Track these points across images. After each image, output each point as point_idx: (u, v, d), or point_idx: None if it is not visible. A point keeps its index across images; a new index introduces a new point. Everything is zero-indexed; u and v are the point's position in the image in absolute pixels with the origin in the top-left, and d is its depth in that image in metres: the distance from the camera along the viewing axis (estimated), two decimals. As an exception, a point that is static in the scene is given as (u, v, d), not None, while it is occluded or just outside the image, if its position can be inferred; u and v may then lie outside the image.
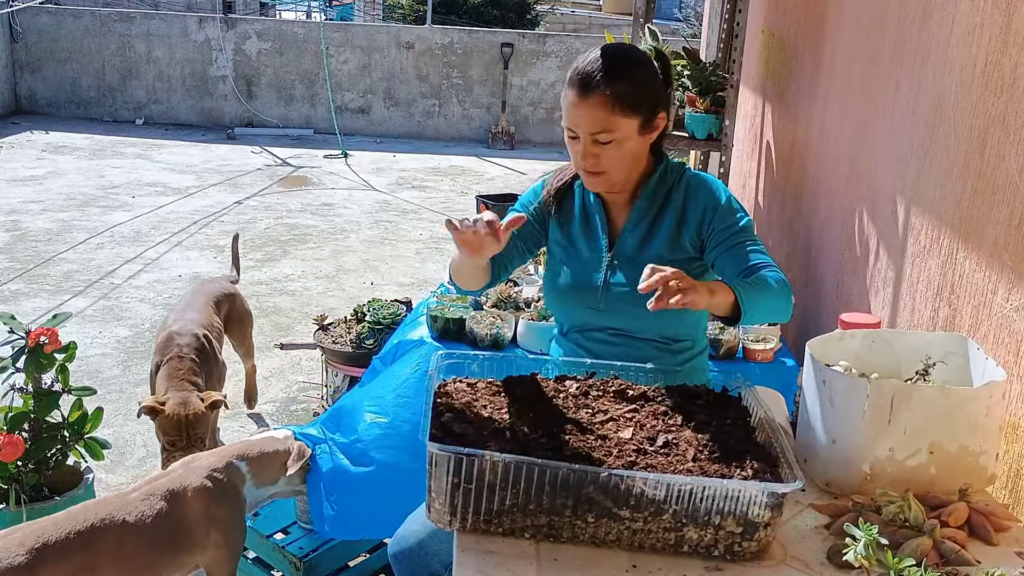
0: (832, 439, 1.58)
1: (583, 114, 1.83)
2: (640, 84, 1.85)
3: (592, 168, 1.87)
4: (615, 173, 1.89)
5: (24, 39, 10.63)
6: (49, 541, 1.96)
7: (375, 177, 8.67)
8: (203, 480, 2.18)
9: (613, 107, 1.80)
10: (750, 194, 4.34)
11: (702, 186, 1.96)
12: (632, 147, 1.87)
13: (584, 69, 1.83)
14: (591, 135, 1.83)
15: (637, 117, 1.84)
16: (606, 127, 1.82)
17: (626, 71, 1.83)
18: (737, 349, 2.86)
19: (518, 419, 1.51)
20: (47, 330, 2.64)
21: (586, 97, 1.82)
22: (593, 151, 1.85)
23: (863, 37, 2.81)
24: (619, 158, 1.86)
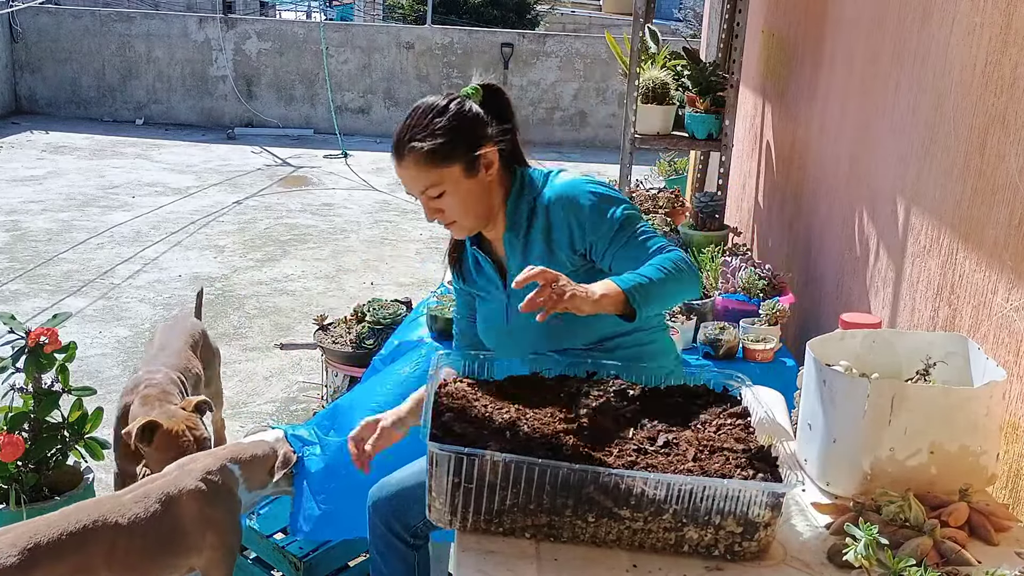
0: (832, 439, 1.58)
1: (404, 178, 1.86)
2: (443, 134, 1.81)
3: (444, 222, 1.90)
4: (465, 219, 1.90)
5: (24, 39, 10.63)
6: (42, 542, 1.96)
7: (375, 177, 8.67)
8: (198, 483, 2.17)
9: (425, 164, 1.81)
10: (750, 194, 4.34)
11: (559, 203, 1.88)
12: (468, 191, 1.86)
13: (394, 137, 1.86)
14: (422, 194, 1.86)
15: (455, 164, 1.82)
16: (428, 183, 1.83)
17: (424, 127, 1.82)
18: (737, 349, 2.86)
19: (519, 418, 1.51)
20: (47, 330, 2.64)
21: (400, 162, 1.85)
22: (433, 207, 1.87)
23: (863, 37, 2.81)
24: (460, 204, 1.86)
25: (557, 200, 1.89)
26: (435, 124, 1.82)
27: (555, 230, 1.88)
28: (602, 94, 10.66)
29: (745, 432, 1.53)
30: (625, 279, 1.68)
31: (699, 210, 3.66)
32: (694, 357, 2.84)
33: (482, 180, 1.87)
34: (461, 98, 1.88)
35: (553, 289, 1.55)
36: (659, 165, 7.17)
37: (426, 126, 1.82)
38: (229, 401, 4.04)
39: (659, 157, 7.21)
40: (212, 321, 4.95)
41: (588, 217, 1.85)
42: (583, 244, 1.86)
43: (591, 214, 1.85)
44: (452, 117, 1.84)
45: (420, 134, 1.82)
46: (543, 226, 1.89)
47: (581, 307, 1.58)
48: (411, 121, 1.85)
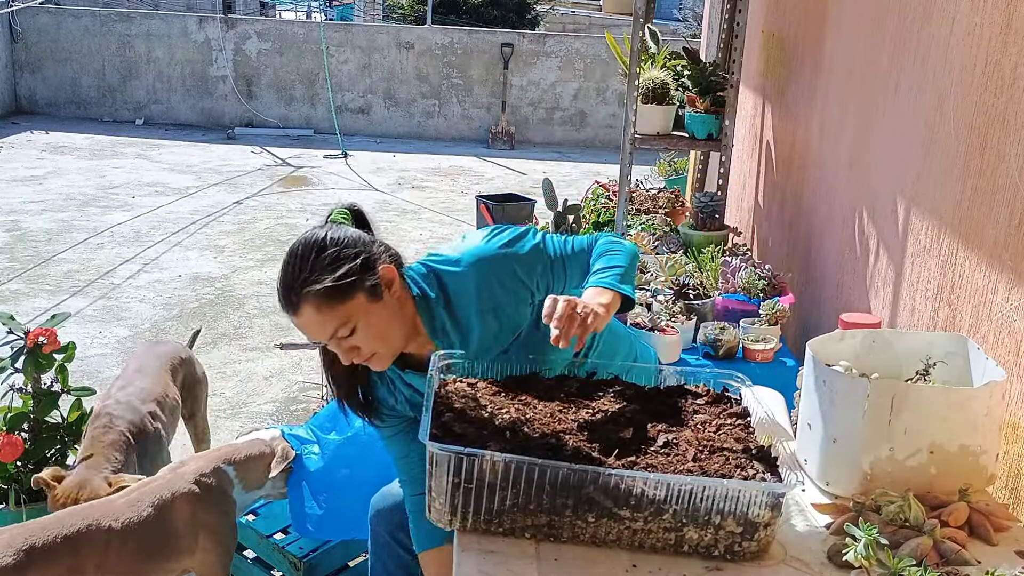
0: (832, 439, 1.58)
1: (306, 327, 1.69)
2: (333, 269, 1.65)
3: (361, 359, 1.72)
4: (386, 347, 1.73)
5: (24, 39, 10.63)
6: (36, 544, 1.96)
7: (375, 177, 8.67)
8: (190, 485, 2.17)
9: (327, 305, 1.64)
10: (750, 194, 4.34)
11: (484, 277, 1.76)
12: (380, 318, 1.69)
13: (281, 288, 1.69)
14: (331, 338, 1.68)
15: (358, 294, 1.66)
16: (337, 324, 1.66)
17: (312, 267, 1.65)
18: (737, 349, 2.86)
19: (519, 418, 1.51)
20: (46, 330, 2.64)
21: (296, 313, 1.67)
22: (347, 347, 1.69)
23: (863, 37, 2.81)
24: (376, 334, 1.69)
25: (480, 272, 1.77)
26: (322, 260, 1.65)
27: (497, 301, 1.76)
28: (602, 94, 10.66)
29: (745, 432, 1.53)
30: (604, 279, 1.68)
31: (699, 210, 3.66)
32: (694, 357, 2.85)
33: (389, 301, 1.71)
34: (335, 225, 1.73)
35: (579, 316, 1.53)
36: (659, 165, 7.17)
37: (313, 265, 1.65)
38: (229, 401, 4.04)
39: (659, 157, 7.21)
40: (212, 321, 4.95)
41: (520, 269, 1.76)
42: (531, 294, 1.78)
43: (520, 265, 1.77)
44: (336, 246, 1.67)
45: (311, 275, 1.64)
46: (479, 307, 1.76)
47: (601, 325, 1.57)
48: (294, 266, 1.67)
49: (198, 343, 4.63)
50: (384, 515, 1.98)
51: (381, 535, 1.99)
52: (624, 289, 1.67)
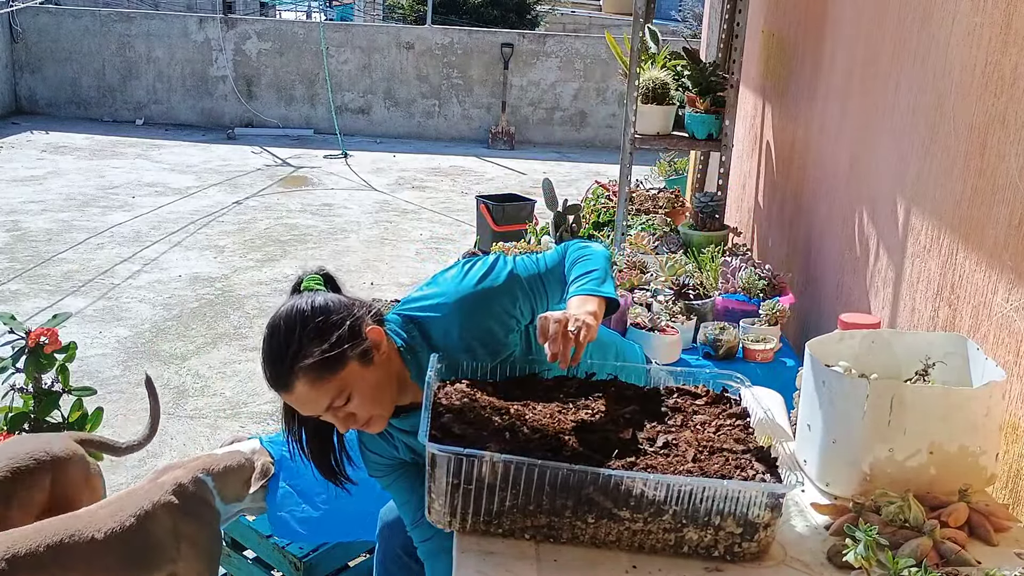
0: (832, 439, 1.58)
1: (302, 406, 1.64)
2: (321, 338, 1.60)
3: (359, 425, 1.68)
4: (382, 409, 1.70)
5: (24, 39, 10.63)
6: (20, 552, 1.95)
7: (375, 177, 8.67)
8: (169, 496, 2.16)
9: (321, 378, 1.59)
10: (750, 194, 4.34)
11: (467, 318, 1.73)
12: (373, 380, 1.65)
13: (267, 370, 1.63)
14: (328, 410, 1.63)
15: (348, 365, 1.61)
16: (333, 396, 1.61)
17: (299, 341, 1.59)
18: (737, 349, 2.86)
19: (518, 419, 1.51)
20: (47, 330, 2.64)
21: (289, 390, 1.61)
22: (343, 415, 1.65)
23: (863, 37, 2.81)
24: (371, 399, 1.65)
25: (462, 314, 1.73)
26: (309, 332, 1.59)
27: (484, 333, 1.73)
28: (602, 94, 10.66)
29: (745, 433, 1.53)
30: (584, 287, 1.69)
31: (699, 210, 3.66)
32: (694, 357, 2.84)
33: (379, 362, 1.66)
34: (312, 294, 1.68)
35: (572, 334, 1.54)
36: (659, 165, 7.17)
37: (301, 339, 1.59)
38: (229, 401, 4.04)
39: (659, 157, 7.21)
40: (212, 321, 4.95)
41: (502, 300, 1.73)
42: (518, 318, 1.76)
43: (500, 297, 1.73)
44: (322, 315, 1.62)
45: (300, 349, 1.58)
46: (463, 346, 1.72)
47: (593, 335, 1.58)
48: (280, 342, 1.60)
49: (198, 343, 4.64)
50: (393, 528, 1.96)
51: (391, 548, 1.98)
52: (605, 292, 1.68)
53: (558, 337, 1.53)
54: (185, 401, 4.03)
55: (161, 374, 4.27)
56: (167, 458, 3.54)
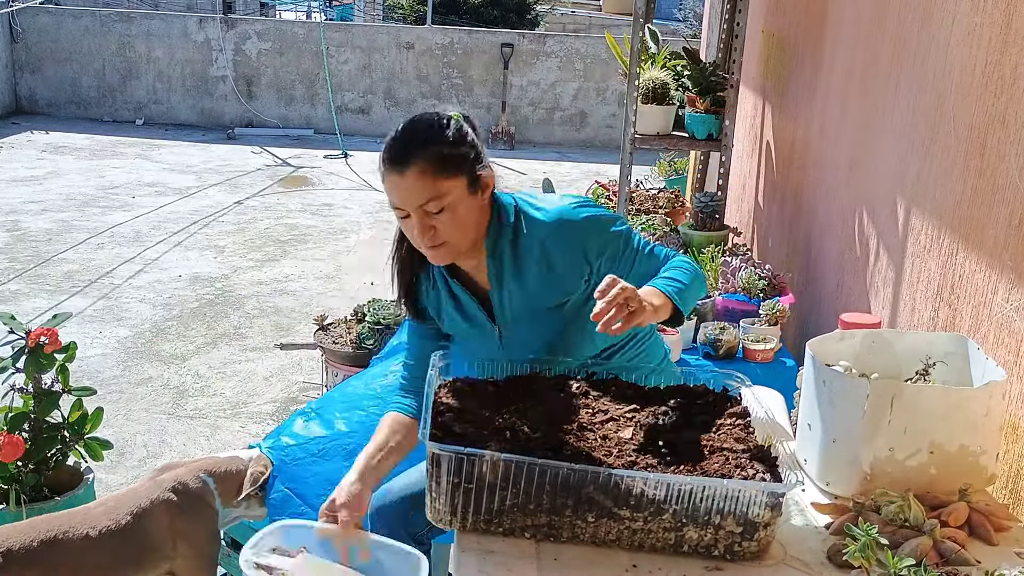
0: (832, 439, 1.58)
1: (401, 189, 1.72)
2: (453, 143, 1.73)
3: (432, 242, 1.75)
4: (456, 241, 1.77)
5: (24, 39, 10.63)
6: (13, 547, 1.95)
7: (375, 177, 8.66)
8: (168, 494, 2.15)
9: (433, 174, 1.70)
10: (750, 195, 4.34)
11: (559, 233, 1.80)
12: (466, 210, 1.75)
13: (395, 147, 1.73)
14: (420, 208, 1.72)
15: (461, 178, 1.73)
16: (433, 195, 1.70)
17: (433, 135, 1.73)
18: (737, 349, 2.86)
19: (518, 419, 1.51)
20: (47, 330, 2.64)
21: (401, 171, 1.71)
22: (428, 223, 1.73)
23: (863, 37, 2.81)
24: (456, 223, 1.74)
25: (555, 230, 1.81)
26: (443, 134, 1.73)
27: (556, 259, 1.80)
28: (602, 94, 10.67)
29: (745, 432, 1.53)
30: (666, 286, 1.71)
31: (699, 210, 3.66)
32: (694, 357, 2.85)
33: (478, 202, 1.77)
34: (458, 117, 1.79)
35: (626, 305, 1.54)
36: (659, 165, 7.18)
37: (437, 134, 1.73)
38: (229, 401, 4.05)
39: (659, 157, 7.21)
40: (212, 321, 4.95)
41: (593, 244, 1.80)
42: (589, 269, 1.81)
43: (594, 241, 1.81)
44: (457, 130, 1.76)
45: (428, 142, 1.72)
46: (539, 256, 1.81)
47: (644, 321, 1.58)
48: (417, 127, 1.75)
49: (198, 343, 4.64)
50: (385, 512, 1.98)
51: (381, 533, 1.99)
52: (679, 302, 1.70)
53: (614, 300, 1.54)
54: (185, 401, 4.03)
55: (161, 374, 4.27)
56: (167, 458, 3.54)
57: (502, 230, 1.82)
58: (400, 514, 1.96)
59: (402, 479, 2.01)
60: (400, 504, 1.96)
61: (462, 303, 1.90)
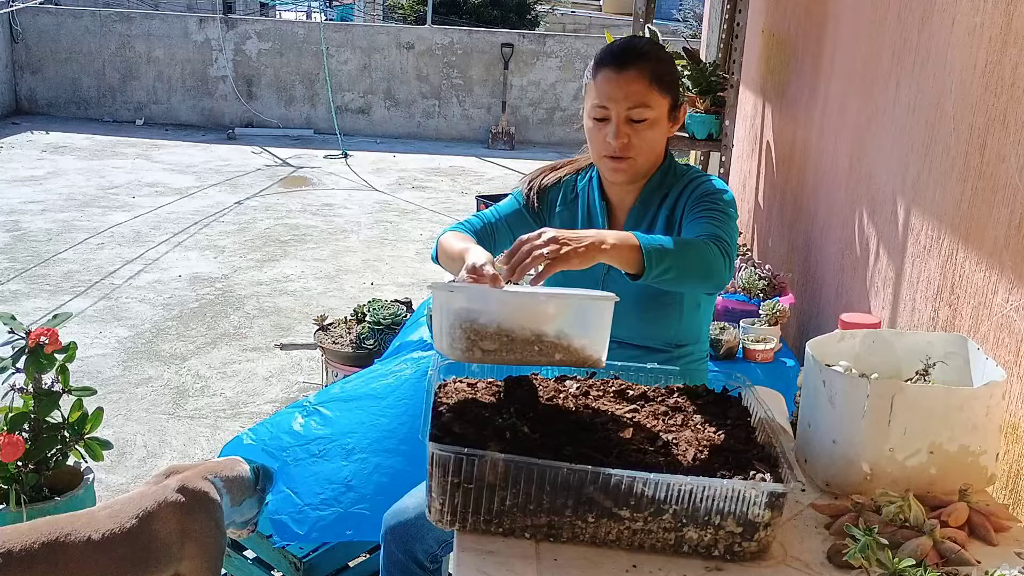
0: (832, 439, 1.58)
1: (620, 87, 1.78)
2: (670, 65, 1.85)
3: (622, 151, 1.82)
4: (641, 159, 1.85)
5: (24, 39, 10.63)
6: (14, 548, 1.94)
7: (375, 177, 8.68)
8: (176, 495, 2.14)
9: (651, 82, 1.79)
10: (750, 194, 4.34)
11: (693, 188, 1.89)
12: (660, 132, 1.85)
13: (620, 47, 1.83)
14: (627, 111, 1.79)
15: (669, 98, 1.83)
16: (643, 101, 1.79)
17: (656, 51, 1.85)
18: (737, 349, 2.86)
19: (518, 419, 1.51)
20: (47, 330, 2.64)
21: (624, 70, 1.78)
22: (625, 130, 1.80)
23: (863, 37, 2.81)
24: (648, 142, 1.83)
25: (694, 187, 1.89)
26: (664, 55, 1.85)
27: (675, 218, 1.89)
28: (602, 94, 10.66)
29: (745, 432, 1.53)
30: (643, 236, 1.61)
31: (699, 210, 3.66)
32: (694, 357, 2.84)
33: (670, 131, 1.87)
34: None
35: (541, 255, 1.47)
36: (659, 165, 7.17)
37: (661, 54, 1.84)
38: (229, 401, 4.05)
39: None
40: (212, 321, 4.95)
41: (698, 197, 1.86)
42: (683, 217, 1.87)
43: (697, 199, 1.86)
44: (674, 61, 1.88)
45: (651, 54, 1.81)
46: (670, 205, 1.90)
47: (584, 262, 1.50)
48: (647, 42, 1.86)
49: (198, 343, 4.64)
50: (399, 531, 1.95)
51: (395, 553, 1.97)
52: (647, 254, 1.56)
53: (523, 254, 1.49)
54: (185, 401, 4.03)
55: (161, 374, 4.27)
56: (167, 458, 3.54)
57: (664, 183, 1.92)
58: (414, 532, 1.93)
59: (415, 497, 1.99)
60: (415, 521, 1.93)
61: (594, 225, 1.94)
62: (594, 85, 1.83)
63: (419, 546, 1.93)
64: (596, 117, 1.83)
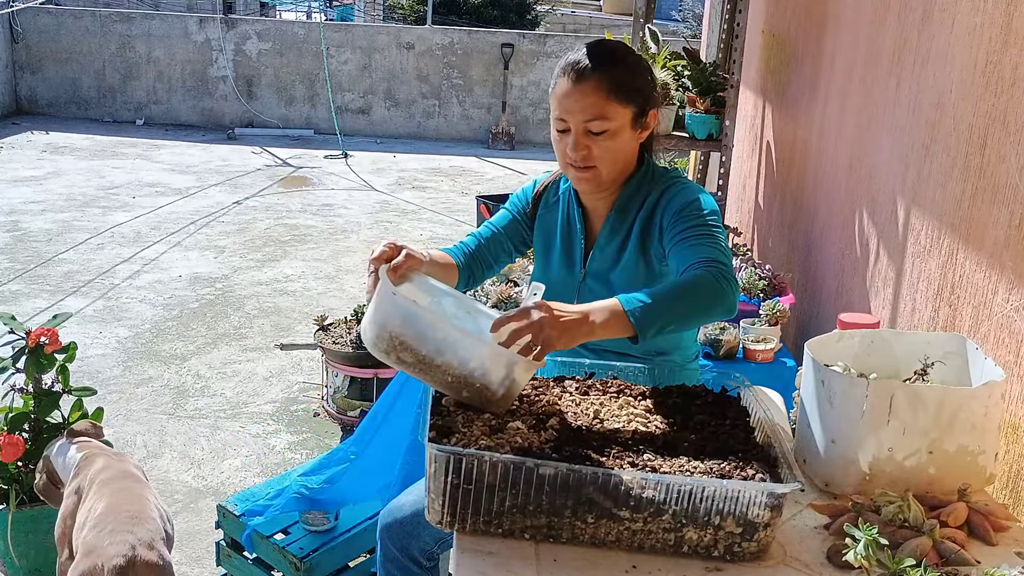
0: (831, 439, 1.58)
1: (576, 100, 1.75)
2: (634, 72, 1.79)
3: (582, 162, 1.79)
4: (605, 169, 1.80)
5: (24, 39, 10.64)
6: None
7: (375, 177, 8.67)
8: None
9: (608, 93, 1.74)
10: (750, 195, 4.34)
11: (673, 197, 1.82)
12: (624, 142, 1.80)
13: (576, 58, 1.78)
14: (584, 124, 1.76)
15: (631, 107, 1.77)
16: (600, 114, 1.74)
17: (618, 58, 1.79)
18: (737, 349, 2.86)
19: (517, 419, 1.51)
20: (47, 330, 2.64)
21: (580, 83, 1.74)
22: (584, 142, 1.77)
23: (863, 37, 2.81)
24: (610, 152, 1.78)
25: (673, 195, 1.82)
26: (629, 60, 1.80)
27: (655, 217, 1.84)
28: (602, 94, 10.66)
29: (744, 432, 1.53)
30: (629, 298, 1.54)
31: (699, 210, 3.66)
32: (694, 357, 2.84)
33: (637, 139, 1.83)
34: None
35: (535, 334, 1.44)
36: (659, 165, 7.17)
37: (625, 60, 1.79)
38: (229, 401, 4.04)
39: (659, 157, 7.21)
40: (212, 321, 4.95)
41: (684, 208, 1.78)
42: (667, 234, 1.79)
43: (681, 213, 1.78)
44: (643, 64, 1.84)
45: (618, 63, 1.77)
46: (646, 214, 1.86)
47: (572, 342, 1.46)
48: (610, 49, 1.79)
49: (198, 343, 4.64)
50: (395, 529, 1.95)
51: (391, 550, 1.97)
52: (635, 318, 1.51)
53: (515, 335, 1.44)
54: (185, 401, 4.03)
55: (161, 374, 4.27)
56: (167, 458, 3.55)
57: (641, 189, 1.88)
58: (411, 530, 1.94)
59: (412, 494, 1.99)
60: (411, 519, 1.93)
61: (572, 236, 1.95)
62: (553, 93, 1.80)
63: (415, 544, 1.93)
64: (557, 128, 1.81)
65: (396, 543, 1.94)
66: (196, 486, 3.38)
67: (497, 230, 2.04)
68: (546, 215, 2.01)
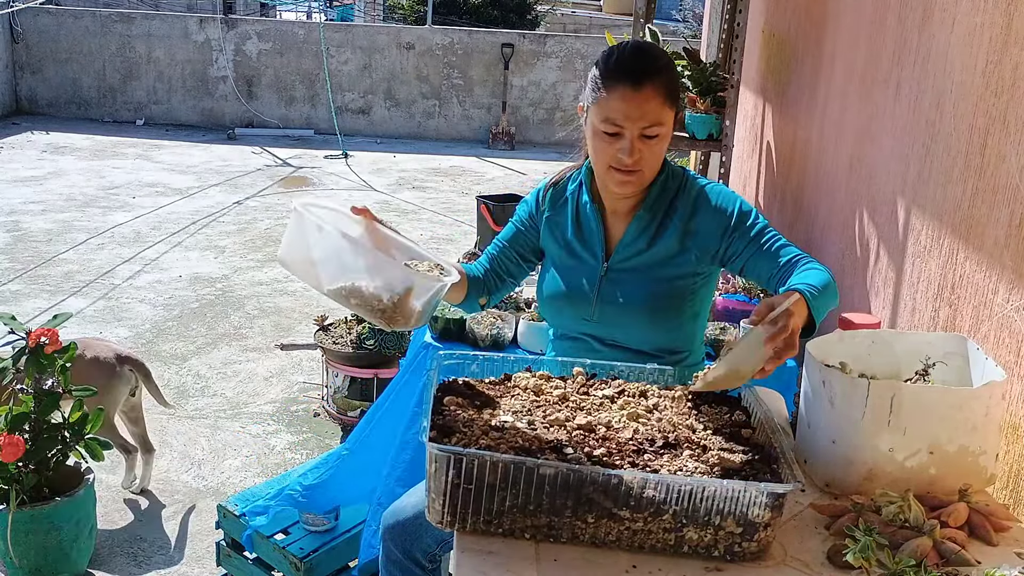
0: (832, 439, 1.58)
1: (637, 107, 1.74)
2: (677, 76, 1.83)
3: (634, 166, 1.79)
4: (648, 171, 1.82)
5: (24, 40, 10.64)
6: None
7: (375, 178, 8.68)
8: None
9: (664, 99, 1.76)
10: (750, 195, 4.34)
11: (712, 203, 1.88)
12: (667, 143, 1.83)
13: (634, 61, 1.76)
14: (642, 129, 1.75)
15: (674, 112, 1.81)
16: (658, 119, 1.76)
17: (665, 63, 1.79)
18: (737, 349, 2.85)
19: (518, 419, 1.51)
20: (48, 331, 2.64)
21: (642, 89, 1.73)
22: (639, 145, 1.77)
23: (863, 37, 2.81)
24: (656, 155, 1.81)
25: (710, 199, 1.87)
26: (672, 64, 1.81)
27: (700, 226, 1.86)
28: (602, 94, 10.65)
29: (745, 432, 1.53)
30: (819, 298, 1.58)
31: (699, 210, 3.66)
32: (694, 357, 2.84)
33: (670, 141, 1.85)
34: None
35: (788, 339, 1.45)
36: (659, 165, 7.17)
37: (667, 63, 1.79)
38: (229, 401, 4.04)
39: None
40: (212, 322, 4.95)
41: (739, 221, 1.84)
42: (721, 248, 1.85)
43: (740, 218, 1.85)
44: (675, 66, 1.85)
45: (666, 67, 1.77)
46: (685, 217, 1.87)
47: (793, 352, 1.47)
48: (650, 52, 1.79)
49: (198, 343, 4.64)
50: (397, 531, 1.95)
51: (394, 552, 1.97)
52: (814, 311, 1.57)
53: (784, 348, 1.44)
54: (185, 401, 4.03)
55: (161, 374, 4.27)
56: (167, 458, 3.55)
57: (668, 187, 1.90)
58: (413, 531, 1.94)
59: (414, 496, 1.99)
60: (413, 520, 1.93)
61: (587, 231, 1.95)
62: (606, 100, 1.76)
63: (417, 545, 1.93)
64: (606, 132, 1.78)
65: (398, 545, 1.94)
66: (196, 486, 3.38)
67: (502, 242, 2.08)
68: (555, 217, 2.03)
